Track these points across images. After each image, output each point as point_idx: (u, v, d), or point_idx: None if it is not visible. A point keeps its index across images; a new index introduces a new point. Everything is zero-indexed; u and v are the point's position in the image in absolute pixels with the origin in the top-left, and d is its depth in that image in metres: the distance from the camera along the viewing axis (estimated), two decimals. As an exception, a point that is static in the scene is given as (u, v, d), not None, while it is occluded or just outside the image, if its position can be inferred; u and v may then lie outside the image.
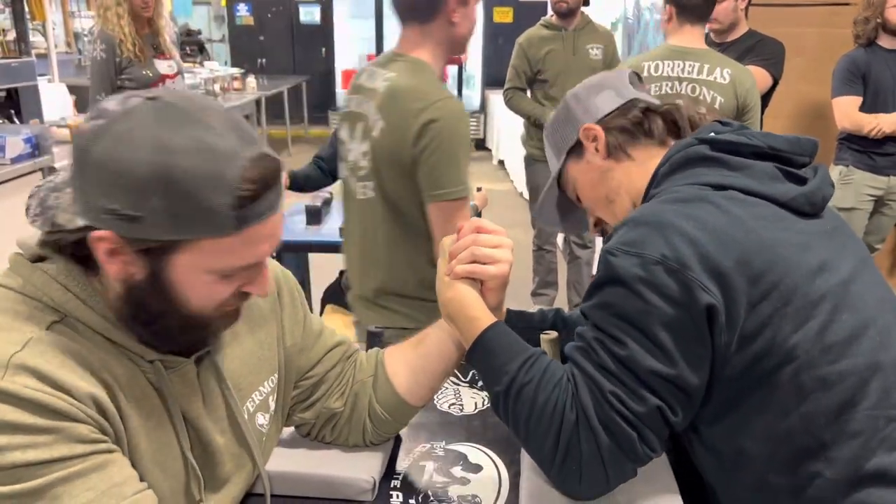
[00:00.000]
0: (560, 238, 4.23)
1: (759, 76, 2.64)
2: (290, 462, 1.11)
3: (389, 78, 1.64)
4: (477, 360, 1.03)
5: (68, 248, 0.81)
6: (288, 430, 1.18)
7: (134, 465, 0.83)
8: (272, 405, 1.05)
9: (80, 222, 0.77)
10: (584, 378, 0.95)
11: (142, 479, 0.83)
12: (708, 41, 2.90)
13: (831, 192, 1.05)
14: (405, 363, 1.13)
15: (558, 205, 1.32)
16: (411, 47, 1.66)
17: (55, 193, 0.82)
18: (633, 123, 1.16)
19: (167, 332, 0.84)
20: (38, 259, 0.83)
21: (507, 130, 7.38)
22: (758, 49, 2.85)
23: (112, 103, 0.77)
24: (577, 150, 1.22)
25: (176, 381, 0.89)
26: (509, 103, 3.82)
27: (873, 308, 0.98)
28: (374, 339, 1.48)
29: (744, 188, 1.00)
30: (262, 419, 1.02)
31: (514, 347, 1.01)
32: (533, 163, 3.82)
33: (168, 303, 0.81)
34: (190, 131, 0.74)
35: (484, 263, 1.03)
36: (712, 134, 1.08)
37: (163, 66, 3.39)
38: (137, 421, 0.84)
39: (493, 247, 1.03)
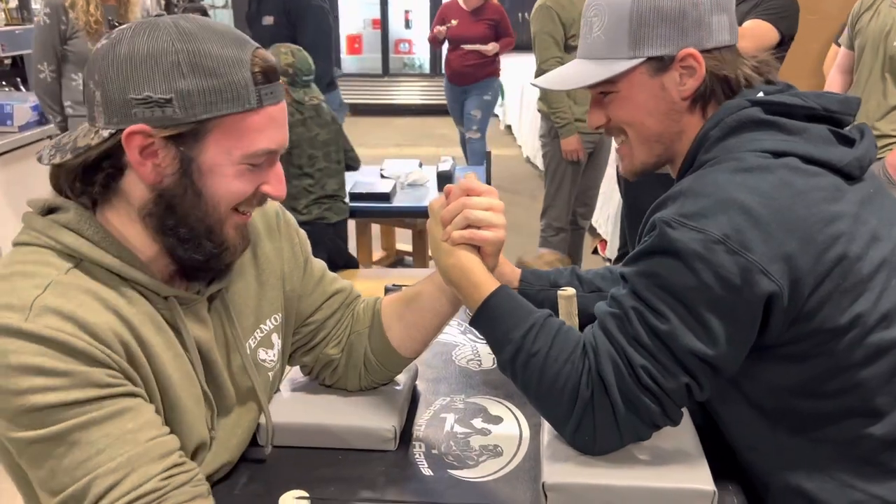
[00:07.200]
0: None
1: (759, 30, 2.50)
2: (306, 413, 1.11)
3: None
4: (481, 327, 1.01)
5: (78, 188, 0.86)
6: (300, 383, 1.20)
7: (164, 393, 0.87)
8: (277, 342, 1.08)
9: (107, 133, 0.83)
10: (612, 348, 0.93)
11: (174, 407, 0.88)
12: None
13: (875, 154, 1.02)
14: (399, 317, 1.14)
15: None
16: None
17: (66, 136, 0.88)
18: (739, 83, 1.02)
19: (193, 240, 0.88)
20: (49, 212, 0.87)
21: (514, 93, 7.28)
22: (765, 2, 2.75)
23: (124, 26, 0.86)
24: (658, 62, 1.01)
25: (188, 316, 0.92)
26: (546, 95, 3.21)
27: None
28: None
29: (803, 155, 0.94)
30: (263, 354, 1.06)
31: (519, 313, 0.98)
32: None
33: (196, 199, 0.86)
34: (208, 26, 0.84)
35: (478, 227, 1.00)
36: (761, 94, 1.01)
37: None
38: (161, 351, 0.88)
39: (485, 209, 1.00)
